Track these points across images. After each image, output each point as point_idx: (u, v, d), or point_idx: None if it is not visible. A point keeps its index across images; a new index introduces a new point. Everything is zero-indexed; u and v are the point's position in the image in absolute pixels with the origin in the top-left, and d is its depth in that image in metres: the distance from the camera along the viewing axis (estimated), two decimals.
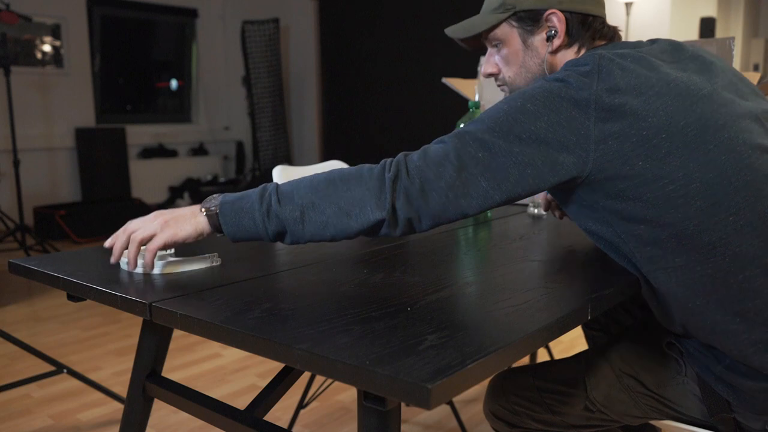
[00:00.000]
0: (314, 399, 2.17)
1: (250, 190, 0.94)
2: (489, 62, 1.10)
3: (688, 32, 4.76)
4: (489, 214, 1.59)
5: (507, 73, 1.08)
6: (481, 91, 1.86)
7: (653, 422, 1.11)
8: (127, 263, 0.99)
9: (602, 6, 1.05)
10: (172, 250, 1.09)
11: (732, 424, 1.00)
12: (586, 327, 1.50)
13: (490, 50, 1.10)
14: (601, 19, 1.04)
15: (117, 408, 2.13)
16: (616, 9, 4.40)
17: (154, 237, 0.95)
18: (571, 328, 0.82)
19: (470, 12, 5.24)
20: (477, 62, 1.91)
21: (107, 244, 1.00)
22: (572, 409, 1.12)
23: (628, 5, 4.12)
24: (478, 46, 1.13)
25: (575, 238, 1.30)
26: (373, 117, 6.13)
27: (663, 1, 4.24)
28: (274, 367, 2.48)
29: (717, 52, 1.49)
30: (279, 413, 2.07)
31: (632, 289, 0.99)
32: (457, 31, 1.10)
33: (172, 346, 2.68)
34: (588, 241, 1.27)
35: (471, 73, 4.83)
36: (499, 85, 1.12)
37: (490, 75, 1.11)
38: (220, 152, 6.83)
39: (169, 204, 6.24)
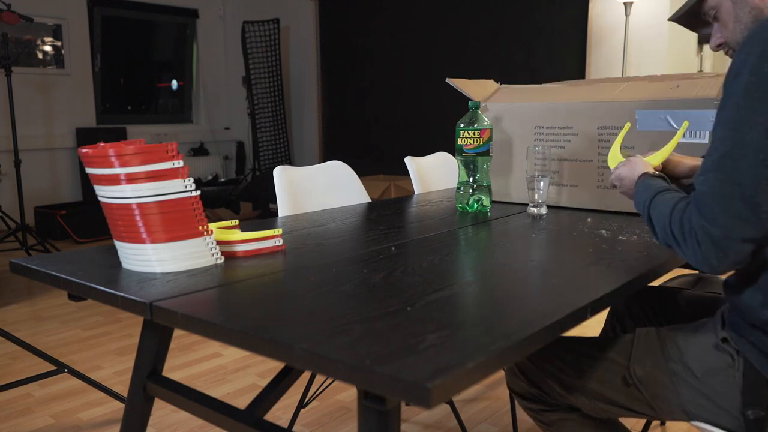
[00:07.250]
0: (314, 398, 2.18)
1: (645, 190, 1.09)
2: (714, 36, 1.13)
3: (687, 32, 4.77)
4: (489, 214, 1.59)
5: (726, 34, 1.10)
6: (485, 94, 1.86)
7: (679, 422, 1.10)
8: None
9: None
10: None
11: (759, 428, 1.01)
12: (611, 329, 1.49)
13: (713, 26, 1.13)
14: None
15: (118, 407, 2.13)
16: (615, 9, 4.40)
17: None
18: (571, 328, 0.82)
19: (470, 11, 5.24)
20: (476, 63, 1.91)
21: None
22: (607, 378, 1.12)
23: (627, 5, 4.12)
24: (701, 26, 1.18)
25: (575, 238, 1.30)
26: (373, 117, 6.13)
27: (662, 1, 4.24)
28: (274, 366, 2.48)
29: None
30: (279, 413, 2.08)
31: (631, 290, 0.99)
32: (677, 13, 1.17)
33: (172, 345, 2.69)
34: (588, 241, 1.27)
35: (471, 73, 4.84)
36: (725, 52, 1.13)
37: (719, 46, 1.13)
38: (221, 152, 6.84)
39: None
